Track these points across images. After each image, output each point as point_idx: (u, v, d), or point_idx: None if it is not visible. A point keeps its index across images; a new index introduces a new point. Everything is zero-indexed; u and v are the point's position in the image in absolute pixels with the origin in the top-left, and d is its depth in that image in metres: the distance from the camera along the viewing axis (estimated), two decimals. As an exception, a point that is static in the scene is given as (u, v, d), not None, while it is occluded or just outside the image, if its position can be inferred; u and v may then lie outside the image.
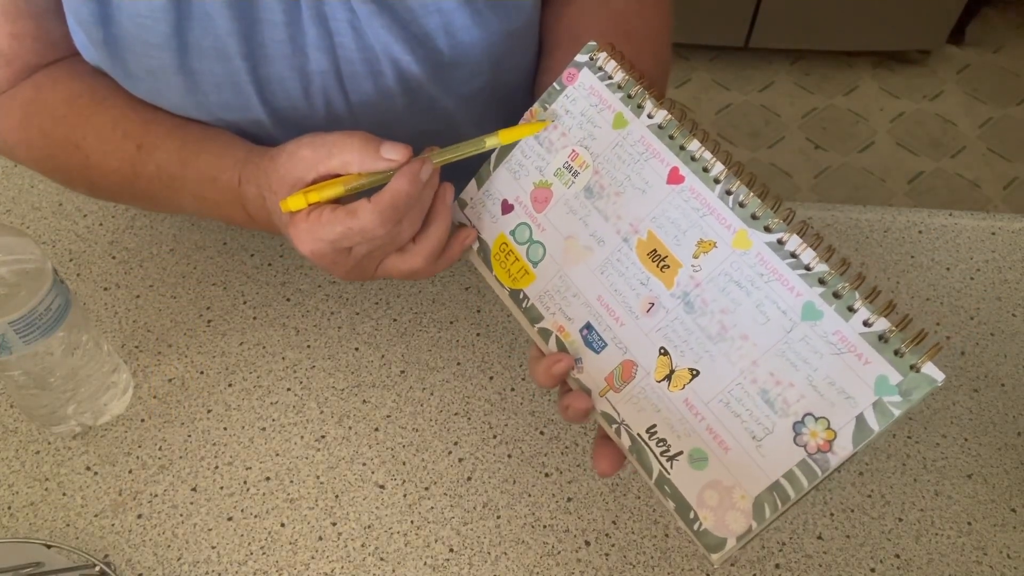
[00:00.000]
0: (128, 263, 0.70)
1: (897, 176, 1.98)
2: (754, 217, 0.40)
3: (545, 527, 0.56)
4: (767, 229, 0.40)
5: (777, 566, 0.54)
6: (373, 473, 0.58)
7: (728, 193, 0.41)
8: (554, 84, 0.48)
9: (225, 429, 0.60)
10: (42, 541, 0.54)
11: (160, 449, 0.59)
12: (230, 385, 0.63)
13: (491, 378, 0.63)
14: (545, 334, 0.47)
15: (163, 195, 0.55)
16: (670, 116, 0.43)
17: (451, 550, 0.55)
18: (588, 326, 0.45)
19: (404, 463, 0.59)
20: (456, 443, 0.60)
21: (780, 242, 0.40)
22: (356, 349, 0.65)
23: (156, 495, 0.57)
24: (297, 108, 0.55)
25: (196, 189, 0.53)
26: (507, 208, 0.49)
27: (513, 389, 0.63)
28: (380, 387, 0.63)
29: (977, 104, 2.14)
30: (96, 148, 0.55)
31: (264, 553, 0.54)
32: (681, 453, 0.41)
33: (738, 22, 2.08)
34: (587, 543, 0.55)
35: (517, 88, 0.63)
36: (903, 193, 1.94)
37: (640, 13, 0.61)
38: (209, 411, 0.61)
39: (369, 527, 0.56)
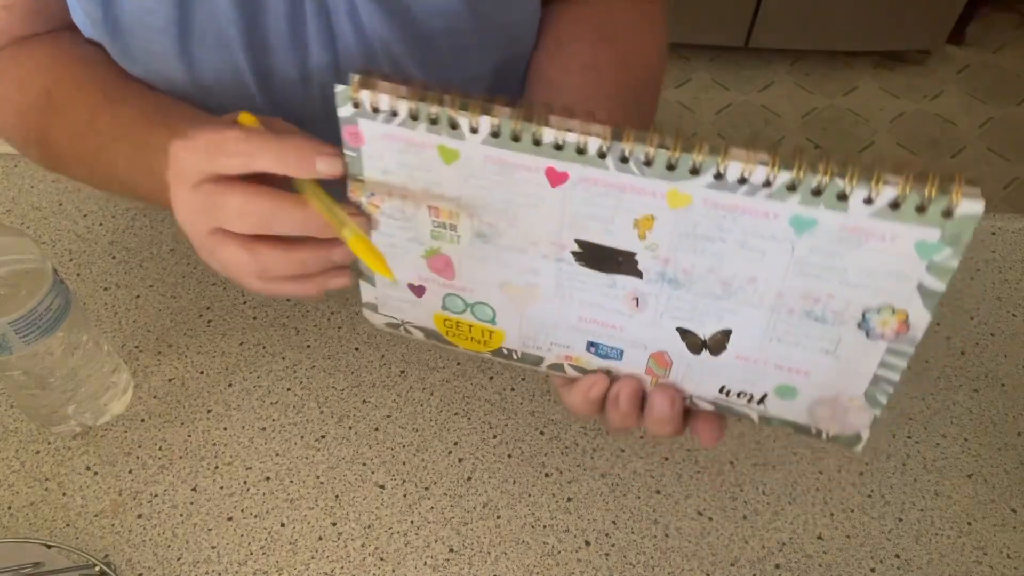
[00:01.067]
0: (128, 263, 0.70)
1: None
2: (670, 168, 0.33)
3: (545, 527, 0.56)
4: (694, 172, 0.33)
5: (777, 566, 0.54)
6: (373, 473, 0.58)
7: (624, 160, 0.33)
8: (346, 153, 0.38)
9: (225, 429, 0.60)
10: (42, 541, 0.54)
11: (160, 449, 0.59)
12: (230, 385, 0.63)
13: (491, 378, 0.63)
14: (557, 367, 0.43)
15: (104, 148, 0.52)
16: (497, 120, 0.34)
17: (451, 550, 0.55)
18: (591, 344, 0.41)
19: (404, 463, 0.59)
20: (456, 443, 0.60)
21: (718, 176, 0.33)
22: (356, 349, 0.65)
23: (156, 495, 0.57)
24: (295, 100, 0.55)
25: (141, 136, 0.50)
26: (419, 291, 0.42)
27: (513, 389, 0.63)
28: (380, 387, 0.63)
29: (977, 104, 2.14)
30: (65, 95, 0.53)
31: (264, 553, 0.54)
32: (766, 395, 0.39)
33: (738, 22, 2.08)
34: (587, 543, 0.55)
35: (517, 93, 0.63)
36: (903, 193, 1.94)
37: (629, 25, 0.60)
38: (209, 411, 0.61)
39: (369, 527, 0.56)
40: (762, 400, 0.40)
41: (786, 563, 0.55)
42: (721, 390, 0.40)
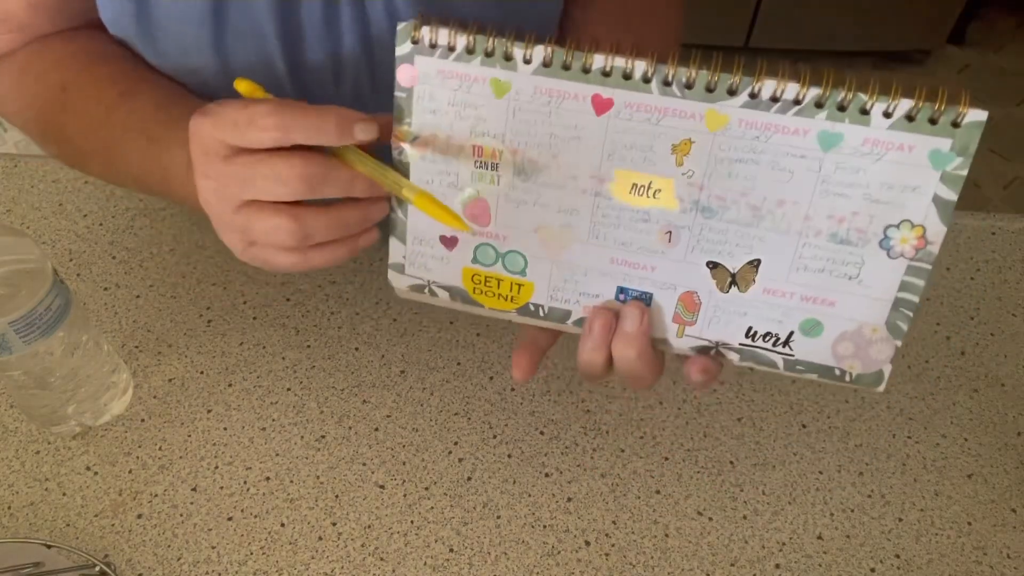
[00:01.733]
0: (128, 263, 0.70)
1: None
2: (709, 90, 0.36)
3: (545, 527, 0.56)
4: (731, 92, 0.36)
5: (777, 566, 0.54)
6: (373, 473, 0.58)
7: (667, 84, 0.36)
8: (396, 94, 0.40)
9: (225, 429, 0.60)
10: (42, 541, 0.54)
11: (160, 449, 0.59)
12: (230, 385, 0.63)
13: (491, 378, 0.63)
14: (579, 323, 0.43)
15: (119, 143, 0.52)
16: (549, 47, 0.37)
17: (451, 550, 0.55)
18: (621, 289, 0.41)
19: (404, 463, 0.59)
20: (456, 443, 0.60)
21: (753, 96, 0.36)
22: (356, 349, 0.65)
23: (156, 495, 0.57)
24: (325, 91, 0.55)
25: (154, 130, 0.50)
26: (450, 242, 0.43)
27: (513, 389, 0.63)
28: (380, 387, 0.63)
29: (977, 104, 2.14)
30: (81, 91, 0.54)
31: (264, 553, 0.54)
32: (792, 333, 0.40)
33: (738, 22, 2.08)
34: (587, 543, 0.55)
35: None
36: (903, 193, 1.94)
37: (651, 10, 0.61)
38: (209, 411, 0.61)
39: (369, 527, 0.56)
40: (788, 340, 0.40)
41: (786, 563, 0.55)
42: (748, 332, 0.41)
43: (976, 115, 0.35)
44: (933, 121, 0.35)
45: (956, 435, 0.61)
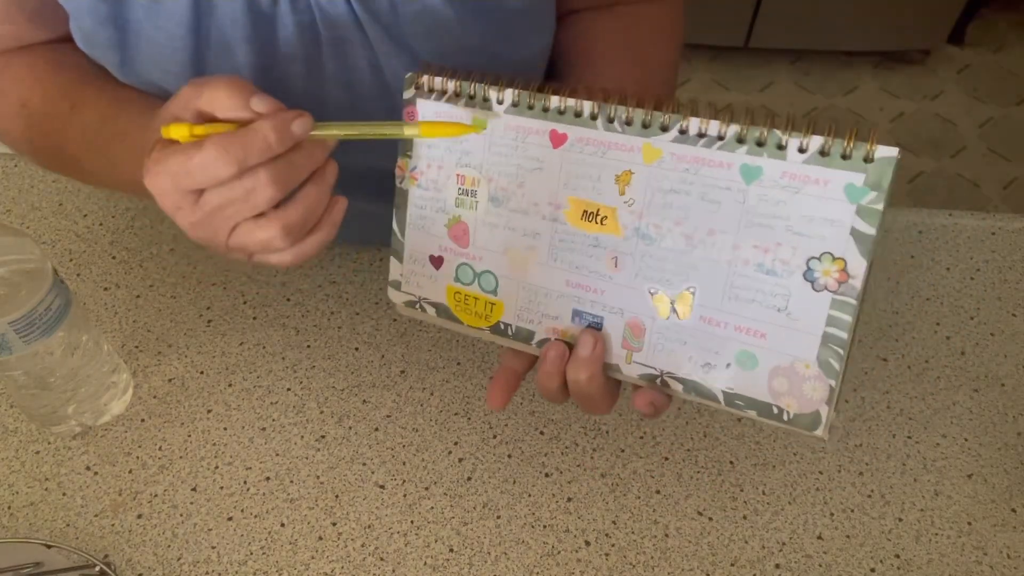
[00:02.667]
0: (128, 263, 0.70)
1: (898, 176, 1.97)
2: (645, 126, 0.41)
3: (545, 527, 0.56)
4: (664, 129, 0.40)
5: (777, 566, 0.54)
6: (373, 473, 0.58)
7: (610, 121, 0.41)
8: (398, 129, 0.45)
9: (225, 429, 0.60)
10: (42, 541, 0.54)
11: (160, 449, 0.59)
12: (230, 385, 0.63)
13: (491, 378, 0.63)
14: (543, 343, 0.46)
15: (83, 158, 0.54)
16: (516, 91, 0.43)
17: (451, 550, 0.55)
18: (576, 312, 0.45)
19: (404, 463, 0.59)
20: (456, 443, 0.60)
21: (683, 132, 0.40)
22: (356, 349, 0.65)
23: (156, 495, 0.57)
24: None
25: (108, 148, 0.51)
26: (438, 262, 0.48)
27: (513, 389, 0.63)
28: (380, 387, 0.63)
29: (977, 104, 2.14)
30: (38, 108, 0.54)
31: (264, 553, 0.54)
32: (729, 364, 0.41)
33: (738, 22, 2.08)
34: (587, 543, 0.55)
35: None
36: (903, 193, 1.94)
37: (654, 42, 0.62)
38: (209, 411, 0.61)
39: (369, 527, 0.56)
40: (726, 370, 0.42)
41: (786, 563, 0.55)
42: (689, 361, 0.43)
43: (886, 151, 0.37)
44: (845, 156, 0.37)
45: (956, 435, 0.61)
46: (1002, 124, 2.09)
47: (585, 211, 0.43)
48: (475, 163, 0.45)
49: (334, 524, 0.56)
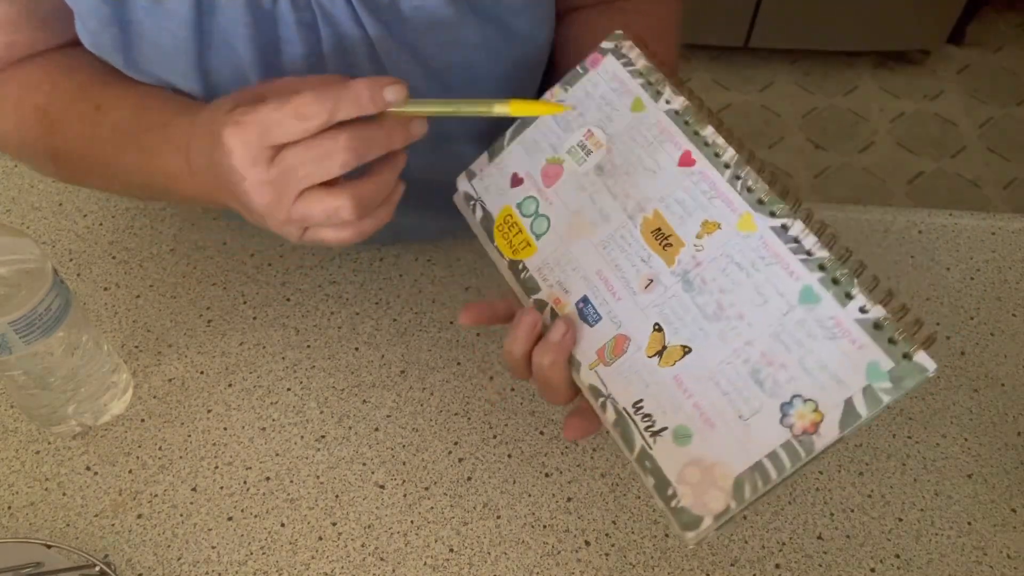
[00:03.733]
0: (128, 263, 0.70)
1: (897, 176, 1.98)
2: (760, 202, 0.41)
3: (545, 527, 0.56)
4: (772, 214, 0.41)
5: (777, 566, 0.54)
6: (373, 473, 0.58)
7: (737, 178, 0.42)
8: (577, 68, 0.49)
9: (225, 429, 0.60)
10: (42, 541, 0.54)
11: (160, 449, 0.59)
12: (230, 385, 0.63)
13: (491, 378, 0.63)
14: (540, 305, 0.47)
15: (112, 158, 0.53)
16: (687, 103, 0.45)
17: (451, 550, 0.55)
18: (584, 299, 0.45)
19: (404, 463, 0.59)
20: (456, 443, 0.60)
21: (784, 227, 0.40)
22: (356, 349, 0.65)
23: (156, 495, 0.57)
24: None
25: (143, 140, 0.51)
26: (516, 181, 0.50)
27: (513, 389, 0.63)
28: (380, 387, 0.63)
29: (977, 104, 2.14)
30: (60, 112, 0.54)
31: (264, 553, 0.54)
32: (666, 429, 0.41)
33: (738, 22, 2.08)
34: (587, 543, 0.55)
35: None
36: (903, 193, 1.94)
37: (653, 39, 0.62)
38: (209, 411, 0.61)
39: (369, 527, 0.56)
40: (659, 432, 0.42)
41: (786, 563, 0.55)
42: (636, 403, 0.43)
43: (924, 361, 0.36)
44: (892, 341, 0.37)
45: (956, 435, 0.61)
46: (1002, 124, 2.09)
47: (659, 228, 0.44)
48: (609, 131, 0.47)
49: (334, 524, 0.56)
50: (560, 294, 0.46)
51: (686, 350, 0.42)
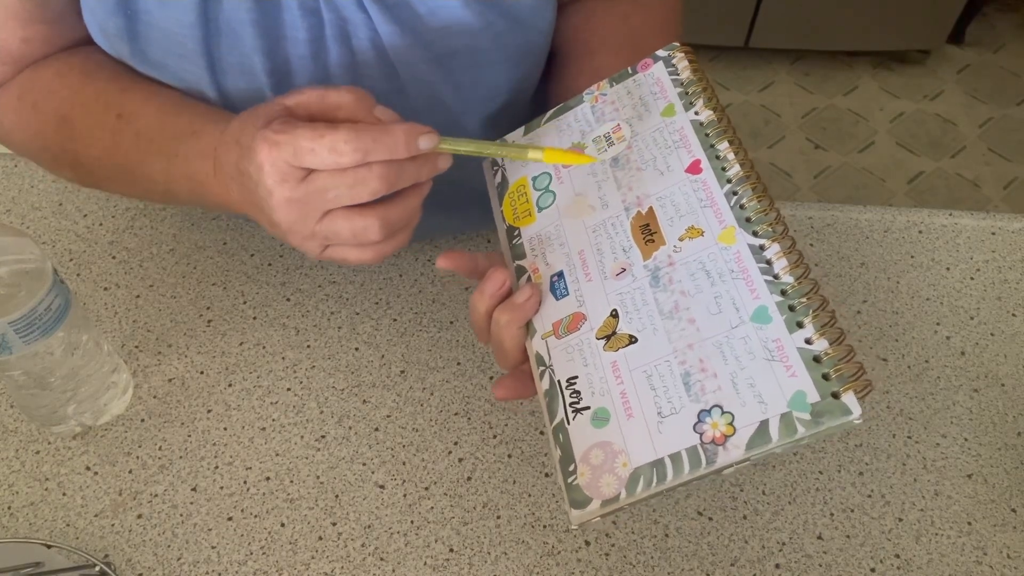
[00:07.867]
0: (128, 263, 0.70)
1: (897, 176, 1.98)
2: (747, 220, 0.42)
3: (545, 527, 0.56)
4: (755, 233, 0.42)
5: (777, 566, 0.54)
6: (373, 473, 0.58)
7: (734, 194, 0.43)
8: (627, 68, 0.52)
9: (225, 429, 0.60)
10: (42, 541, 0.54)
11: (160, 449, 0.59)
12: (230, 385, 0.63)
13: (491, 378, 0.63)
14: (520, 271, 0.49)
15: (136, 164, 0.54)
16: (713, 117, 0.46)
17: (451, 550, 0.55)
18: (560, 274, 0.47)
19: (404, 463, 0.59)
20: (456, 443, 0.60)
21: (761, 248, 0.41)
22: (356, 349, 0.65)
23: (156, 495, 0.57)
24: None
25: (170, 147, 0.51)
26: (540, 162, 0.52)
27: (513, 389, 0.63)
28: (380, 387, 0.63)
29: (977, 104, 2.14)
30: (81, 120, 0.54)
31: (264, 553, 0.54)
32: (588, 408, 0.42)
33: (738, 22, 2.08)
34: (587, 543, 0.55)
35: (533, 100, 0.64)
36: (903, 193, 1.94)
37: (652, 32, 0.62)
38: (209, 411, 0.61)
39: (369, 527, 0.56)
40: (581, 411, 0.42)
41: (786, 563, 0.55)
42: (570, 379, 0.44)
43: (851, 403, 0.35)
44: (826, 377, 0.36)
45: (956, 435, 0.61)
46: (1002, 124, 2.09)
47: (648, 224, 0.45)
48: (637, 128, 0.49)
49: (334, 524, 0.56)
50: (540, 265, 0.48)
51: (632, 339, 0.42)
